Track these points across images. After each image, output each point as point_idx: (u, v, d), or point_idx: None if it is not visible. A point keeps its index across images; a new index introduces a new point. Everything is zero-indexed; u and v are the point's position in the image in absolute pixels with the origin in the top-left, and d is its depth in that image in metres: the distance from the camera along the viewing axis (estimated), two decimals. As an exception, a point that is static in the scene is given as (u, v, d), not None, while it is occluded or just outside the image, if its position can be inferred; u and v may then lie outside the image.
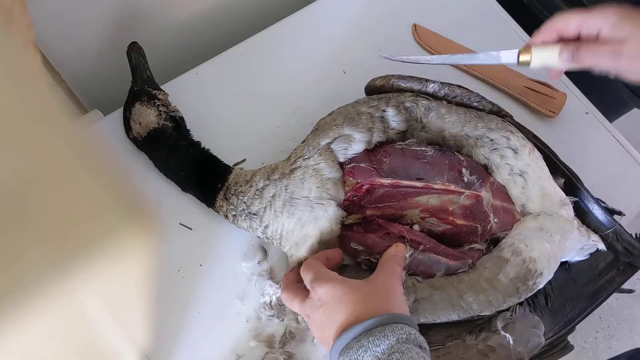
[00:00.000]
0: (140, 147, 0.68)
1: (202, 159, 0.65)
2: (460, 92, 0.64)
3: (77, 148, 0.27)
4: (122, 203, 0.26)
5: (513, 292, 0.57)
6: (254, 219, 0.60)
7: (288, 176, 0.59)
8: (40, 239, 0.24)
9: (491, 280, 0.57)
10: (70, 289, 0.25)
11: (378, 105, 0.62)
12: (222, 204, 0.62)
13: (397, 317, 0.48)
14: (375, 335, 0.46)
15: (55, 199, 0.25)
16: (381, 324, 0.47)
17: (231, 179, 0.62)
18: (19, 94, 0.26)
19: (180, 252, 0.65)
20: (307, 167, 0.59)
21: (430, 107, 0.62)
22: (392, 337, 0.46)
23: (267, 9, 0.90)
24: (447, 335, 0.58)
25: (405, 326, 0.47)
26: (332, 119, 0.62)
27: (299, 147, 0.62)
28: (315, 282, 0.52)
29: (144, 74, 0.68)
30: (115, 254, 0.26)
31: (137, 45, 0.68)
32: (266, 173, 0.61)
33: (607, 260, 0.66)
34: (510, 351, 0.57)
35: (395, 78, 0.65)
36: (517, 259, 0.58)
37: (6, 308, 0.23)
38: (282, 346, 0.61)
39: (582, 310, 0.64)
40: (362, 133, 0.60)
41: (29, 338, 0.26)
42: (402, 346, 0.46)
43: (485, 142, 0.61)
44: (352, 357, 0.46)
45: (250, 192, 0.60)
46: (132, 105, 0.66)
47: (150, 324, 0.56)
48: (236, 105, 0.75)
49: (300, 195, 0.58)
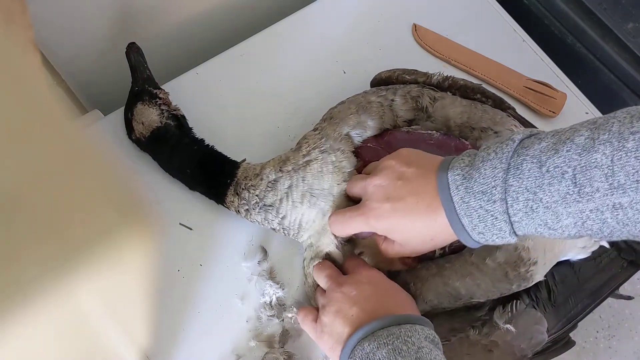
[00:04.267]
0: (143, 148, 0.67)
1: (207, 155, 0.65)
2: (463, 83, 0.66)
3: (77, 148, 0.27)
4: (122, 203, 0.26)
5: (502, 276, 0.57)
6: (270, 211, 0.60)
7: (303, 168, 0.60)
8: (40, 238, 0.24)
9: (477, 264, 0.57)
10: (70, 289, 0.25)
11: (386, 95, 0.64)
12: (233, 199, 0.62)
13: (413, 318, 0.49)
14: (405, 328, 0.47)
15: (55, 198, 0.25)
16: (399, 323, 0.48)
17: (240, 173, 0.62)
18: (19, 94, 0.26)
19: (180, 252, 0.65)
20: (325, 161, 0.59)
21: (436, 97, 0.63)
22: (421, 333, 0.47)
23: (267, 9, 0.90)
24: (449, 328, 0.58)
25: (425, 328, 0.48)
26: (345, 107, 0.63)
27: (310, 135, 0.62)
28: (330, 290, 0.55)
29: (144, 74, 0.68)
30: (115, 254, 0.26)
31: (135, 46, 0.68)
32: (277, 165, 0.61)
33: (610, 256, 0.66)
34: (514, 347, 0.57)
35: (400, 71, 0.68)
36: (509, 246, 0.57)
37: (6, 308, 0.23)
38: (282, 346, 0.61)
39: (585, 307, 0.64)
40: (375, 120, 0.62)
41: (29, 338, 0.26)
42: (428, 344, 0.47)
43: (489, 134, 0.62)
44: (373, 345, 0.46)
45: (262, 185, 0.60)
46: (133, 105, 0.66)
47: (150, 324, 0.56)
48: (236, 105, 0.75)
49: (320, 187, 0.59)
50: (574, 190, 0.38)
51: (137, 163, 0.68)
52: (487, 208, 0.43)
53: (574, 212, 0.39)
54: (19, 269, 0.23)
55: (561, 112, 0.79)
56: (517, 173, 0.41)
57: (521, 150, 0.42)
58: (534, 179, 0.40)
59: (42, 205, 0.25)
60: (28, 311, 0.24)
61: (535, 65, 0.83)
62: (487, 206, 0.43)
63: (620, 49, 0.85)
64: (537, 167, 0.40)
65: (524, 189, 0.41)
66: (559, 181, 0.39)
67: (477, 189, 0.43)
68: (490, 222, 0.43)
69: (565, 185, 0.39)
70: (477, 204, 0.43)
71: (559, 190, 0.39)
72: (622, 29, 0.84)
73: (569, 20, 0.89)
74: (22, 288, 0.23)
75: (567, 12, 0.88)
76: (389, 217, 0.49)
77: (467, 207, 0.44)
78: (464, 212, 0.44)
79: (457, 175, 0.45)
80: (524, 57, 0.83)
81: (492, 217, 0.43)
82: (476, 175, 0.43)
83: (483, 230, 0.44)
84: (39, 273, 0.24)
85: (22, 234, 0.24)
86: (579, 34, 0.88)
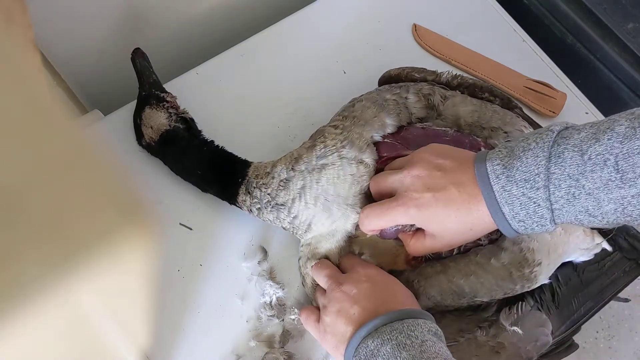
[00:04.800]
0: (153, 152, 0.67)
1: (218, 156, 0.65)
2: (472, 82, 0.67)
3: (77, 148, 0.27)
4: (122, 203, 0.26)
5: (506, 276, 0.57)
6: (282, 210, 0.60)
7: (319, 171, 0.58)
8: (40, 238, 0.24)
9: (481, 264, 0.57)
10: (70, 289, 0.25)
11: (400, 92, 0.64)
12: (244, 198, 0.62)
13: (414, 313, 0.50)
14: (407, 323, 0.47)
15: (55, 198, 0.25)
16: (400, 318, 0.48)
17: (251, 172, 0.62)
18: (19, 94, 0.26)
19: (180, 252, 0.65)
20: (344, 171, 0.58)
21: (446, 96, 0.64)
22: (425, 327, 0.47)
23: (267, 9, 0.90)
24: (458, 329, 0.58)
25: (427, 321, 0.49)
26: (363, 106, 0.62)
27: (329, 133, 0.61)
28: (330, 287, 0.55)
29: (150, 78, 0.68)
30: (115, 254, 0.26)
31: (140, 51, 0.68)
32: (289, 163, 0.60)
33: (614, 259, 0.66)
34: (520, 349, 0.57)
35: (410, 69, 0.68)
36: (515, 247, 0.58)
37: (6, 308, 0.23)
38: (282, 346, 0.61)
39: (588, 309, 0.64)
40: (393, 117, 0.61)
41: (29, 338, 0.26)
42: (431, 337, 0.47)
43: (499, 134, 0.62)
44: (376, 342, 0.47)
45: (273, 184, 0.60)
46: (142, 110, 0.66)
47: (151, 324, 0.56)
48: (236, 105, 0.75)
49: (335, 193, 0.58)
50: (617, 176, 0.40)
51: (138, 163, 0.68)
52: (530, 195, 0.44)
53: (615, 198, 0.41)
54: (19, 268, 0.23)
55: (561, 112, 0.79)
56: (559, 161, 0.43)
57: (561, 140, 0.44)
58: (576, 167, 0.42)
59: (42, 205, 0.25)
60: (28, 311, 0.24)
61: (535, 65, 0.83)
62: (529, 193, 0.44)
63: (620, 49, 0.85)
64: (579, 155, 0.42)
65: (566, 176, 0.42)
66: (601, 168, 0.41)
67: (520, 177, 0.44)
68: (532, 210, 0.44)
69: (608, 172, 0.40)
70: (519, 191, 0.44)
71: (601, 177, 0.41)
72: (622, 29, 0.84)
73: (569, 20, 0.89)
74: (23, 288, 0.23)
75: (567, 12, 0.88)
76: (431, 206, 0.49)
77: (508, 195, 0.45)
78: (505, 201, 0.45)
79: (497, 165, 0.46)
80: (524, 57, 0.83)
81: (535, 205, 0.44)
82: (518, 164, 0.45)
83: (524, 217, 0.45)
84: (39, 273, 0.24)
85: (22, 234, 0.24)
86: (579, 34, 0.88)
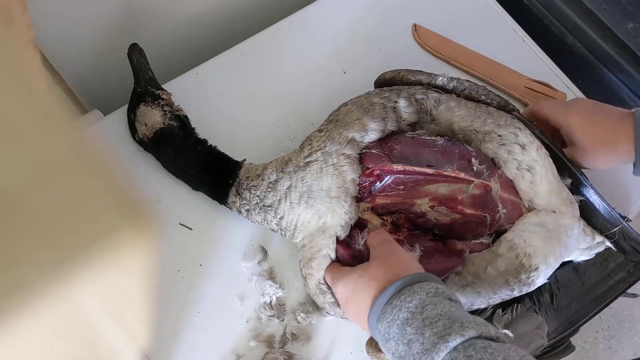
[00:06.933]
0: (147, 148, 0.67)
1: (210, 156, 0.65)
2: (468, 85, 0.66)
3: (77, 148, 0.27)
4: (122, 203, 0.26)
5: (502, 283, 0.57)
6: (269, 212, 0.60)
7: (303, 169, 0.59)
8: (40, 239, 0.24)
9: (477, 274, 0.57)
10: (70, 290, 0.25)
11: (390, 96, 0.63)
12: (234, 199, 0.62)
13: (421, 276, 0.50)
14: (405, 293, 0.48)
15: (55, 199, 0.25)
16: (408, 284, 0.49)
17: (242, 174, 0.62)
18: (19, 94, 0.26)
19: (180, 252, 0.65)
20: (326, 163, 0.59)
21: (440, 100, 0.63)
22: (421, 292, 0.47)
23: (267, 9, 0.90)
24: None
25: (431, 282, 0.49)
26: (348, 110, 0.62)
27: (314, 136, 0.62)
28: (333, 284, 0.56)
29: (146, 75, 0.68)
30: (115, 254, 0.26)
31: (137, 47, 0.68)
32: (279, 165, 0.61)
33: (617, 261, 0.66)
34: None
35: (405, 71, 0.67)
36: (511, 253, 0.58)
37: (6, 308, 0.23)
38: (282, 346, 0.61)
39: (588, 311, 0.63)
40: (377, 122, 0.61)
41: (29, 338, 0.26)
42: (433, 299, 0.47)
43: (493, 137, 0.62)
44: (389, 319, 0.47)
45: (262, 186, 0.60)
46: (136, 106, 0.66)
47: (150, 324, 0.56)
48: (236, 105, 0.75)
49: (318, 188, 0.58)
50: None
51: (137, 163, 0.68)
52: None
53: None
54: (19, 269, 0.23)
55: (561, 112, 0.79)
56: None
57: None
58: None
59: (42, 205, 0.25)
60: (28, 312, 0.24)
61: (535, 65, 0.83)
62: None
63: (620, 49, 0.85)
64: None
65: None
66: None
67: None
68: None
69: None
70: None
71: None
72: (622, 29, 0.84)
73: (569, 20, 0.89)
74: (22, 289, 0.23)
75: (567, 12, 0.88)
76: (587, 115, 0.66)
77: None
78: None
79: None
80: (524, 57, 0.83)
81: None
82: None
83: None
84: (39, 273, 0.24)
85: (22, 235, 0.24)
86: (579, 34, 0.88)
